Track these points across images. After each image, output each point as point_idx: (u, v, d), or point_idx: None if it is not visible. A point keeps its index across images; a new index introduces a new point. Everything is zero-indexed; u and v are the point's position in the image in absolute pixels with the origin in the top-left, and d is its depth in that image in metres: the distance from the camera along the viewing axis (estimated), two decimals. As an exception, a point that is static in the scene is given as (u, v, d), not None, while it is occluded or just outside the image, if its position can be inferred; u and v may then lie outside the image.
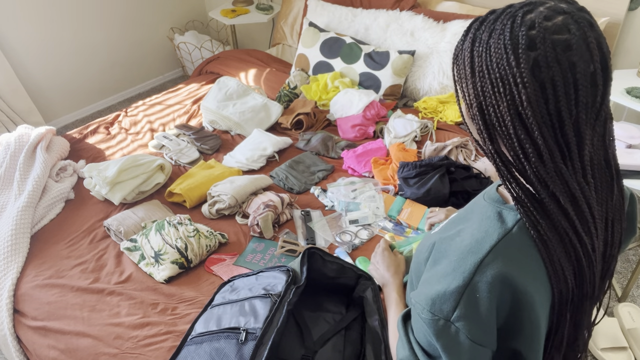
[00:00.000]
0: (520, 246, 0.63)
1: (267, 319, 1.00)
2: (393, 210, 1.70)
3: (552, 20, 0.58)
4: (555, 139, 0.60)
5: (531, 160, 0.61)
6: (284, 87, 2.45)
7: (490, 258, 0.61)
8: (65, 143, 2.08)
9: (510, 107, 0.60)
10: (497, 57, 0.59)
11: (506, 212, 0.67)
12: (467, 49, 0.63)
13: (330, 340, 1.09)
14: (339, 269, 1.15)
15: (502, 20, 0.60)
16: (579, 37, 0.57)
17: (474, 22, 0.64)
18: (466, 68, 0.64)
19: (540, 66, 0.57)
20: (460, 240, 0.66)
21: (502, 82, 0.59)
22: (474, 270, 0.61)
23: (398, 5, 2.49)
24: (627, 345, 1.74)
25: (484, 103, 0.62)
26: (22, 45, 2.84)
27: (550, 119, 0.59)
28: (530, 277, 0.63)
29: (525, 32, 0.58)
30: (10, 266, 1.54)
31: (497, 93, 0.60)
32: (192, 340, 1.06)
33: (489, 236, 0.64)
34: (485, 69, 0.61)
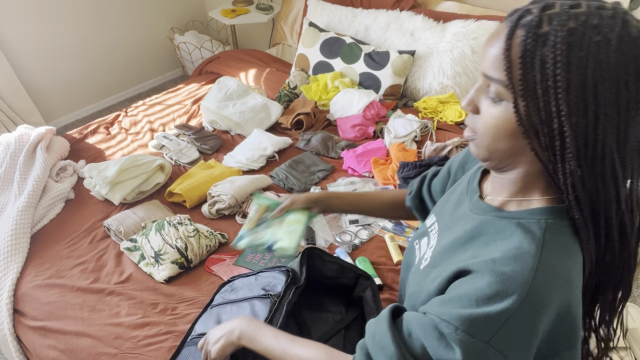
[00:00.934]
0: (559, 256, 0.59)
1: (266, 320, 1.00)
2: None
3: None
4: (638, 159, 0.58)
5: (619, 185, 0.58)
6: (284, 87, 2.45)
7: (538, 280, 0.55)
8: (65, 143, 2.08)
9: (614, 132, 0.54)
10: (614, 76, 0.52)
11: (525, 222, 0.61)
12: (559, 54, 0.52)
13: (330, 341, 1.09)
14: (339, 269, 1.15)
15: (611, 28, 0.52)
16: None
17: (551, 16, 0.53)
18: (557, 77, 0.53)
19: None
20: (487, 256, 0.59)
21: (613, 105, 0.53)
22: (522, 294, 0.55)
23: (398, 5, 2.49)
24: (627, 346, 1.74)
25: (578, 121, 0.54)
26: (22, 45, 2.84)
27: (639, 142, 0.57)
28: (574, 285, 0.60)
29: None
30: (10, 266, 1.54)
31: (603, 115, 0.54)
32: (192, 341, 1.06)
33: (527, 253, 0.57)
34: (593, 86, 0.52)
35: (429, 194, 1.01)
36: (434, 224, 0.82)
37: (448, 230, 0.75)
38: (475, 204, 0.71)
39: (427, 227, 0.85)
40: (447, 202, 0.83)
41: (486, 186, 0.74)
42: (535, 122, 0.56)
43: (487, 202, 0.69)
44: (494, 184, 0.70)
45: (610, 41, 0.51)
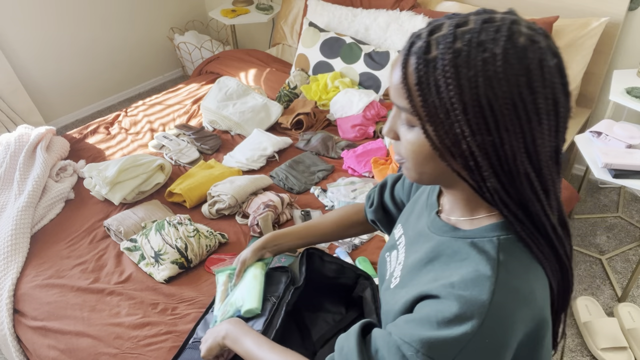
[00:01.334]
0: (516, 270, 0.59)
1: (266, 321, 1.00)
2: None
3: (542, 44, 0.53)
4: (555, 168, 0.59)
5: (540, 197, 0.58)
6: (284, 87, 2.45)
7: (497, 300, 0.55)
8: (65, 143, 2.08)
9: (521, 144, 0.54)
10: (505, 90, 0.52)
11: (479, 241, 0.61)
12: (448, 75, 0.53)
13: (330, 341, 1.09)
14: (338, 269, 1.15)
15: (498, 40, 0.51)
16: (561, 60, 0.56)
17: (437, 40, 0.54)
18: (452, 100, 0.53)
19: (548, 97, 0.53)
20: (447, 280, 0.59)
21: (512, 118, 0.53)
22: (487, 313, 0.54)
23: (398, 5, 2.49)
24: (627, 345, 1.74)
25: (482, 139, 0.54)
26: (22, 45, 2.84)
27: (551, 151, 0.57)
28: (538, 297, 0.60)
29: (532, 59, 0.52)
30: (10, 266, 1.54)
31: (505, 130, 0.53)
32: (193, 344, 1.07)
33: (483, 275, 0.57)
34: (488, 103, 0.52)
35: (393, 202, 0.97)
36: (401, 237, 0.80)
37: (412, 246, 0.74)
38: (433, 221, 0.71)
39: (395, 240, 0.83)
40: (411, 212, 0.81)
41: (443, 201, 0.74)
42: (447, 145, 0.56)
43: (443, 219, 0.69)
44: (447, 200, 0.70)
45: (496, 56, 0.51)
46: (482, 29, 0.52)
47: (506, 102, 0.52)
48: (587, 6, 2.14)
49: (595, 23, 2.08)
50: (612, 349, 1.74)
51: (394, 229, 0.86)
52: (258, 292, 0.98)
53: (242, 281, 1.02)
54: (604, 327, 1.78)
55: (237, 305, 0.97)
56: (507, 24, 0.52)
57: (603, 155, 1.70)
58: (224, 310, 0.99)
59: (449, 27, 0.54)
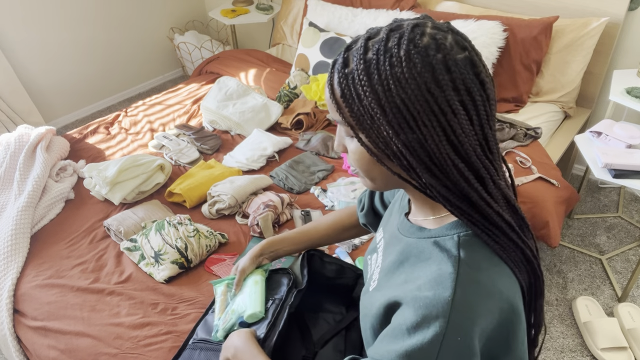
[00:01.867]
0: (477, 265, 0.60)
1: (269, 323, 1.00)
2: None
3: (447, 40, 0.56)
4: (486, 157, 0.59)
5: (476, 188, 0.59)
6: (284, 87, 2.45)
7: (460, 292, 0.56)
8: (65, 143, 2.08)
9: (441, 138, 0.56)
10: (414, 87, 0.55)
11: (441, 240, 0.63)
12: (363, 84, 0.57)
13: (331, 341, 1.09)
14: (339, 270, 1.15)
15: (401, 46, 0.55)
16: (473, 52, 0.58)
17: (350, 55, 0.59)
18: (370, 106, 0.57)
19: (459, 89, 0.56)
20: (414, 283, 0.60)
21: (427, 112, 0.55)
22: (449, 311, 0.55)
23: (398, 5, 2.49)
24: (627, 345, 1.74)
25: (409, 139, 0.57)
26: (22, 45, 2.84)
27: (478, 139, 0.58)
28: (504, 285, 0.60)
29: (434, 56, 0.55)
30: (10, 266, 1.54)
31: (423, 125, 0.56)
32: (194, 345, 1.07)
33: (444, 270, 0.58)
34: (401, 102, 0.55)
35: (383, 205, 0.98)
36: (381, 240, 0.81)
37: (387, 248, 0.75)
38: (402, 223, 0.72)
39: (376, 243, 0.83)
40: (390, 215, 0.83)
41: (411, 203, 0.76)
42: (380, 148, 0.59)
43: (411, 220, 0.71)
44: (412, 202, 0.73)
45: (401, 58, 0.55)
46: (389, 36, 0.57)
47: (418, 99, 0.55)
48: (587, 6, 2.14)
49: (595, 23, 2.08)
50: (612, 349, 1.74)
51: (377, 232, 0.87)
52: (260, 296, 0.98)
53: (242, 288, 1.02)
54: (604, 327, 1.78)
55: (240, 312, 0.97)
56: (409, 28, 0.56)
57: (603, 155, 1.70)
58: (225, 319, 0.99)
59: (361, 40, 0.59)
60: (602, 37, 2.11)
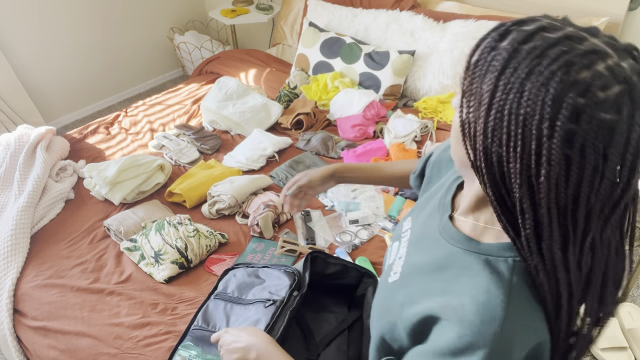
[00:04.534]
0: (527, 298, 0.57)
1: (267, 327, 1.00)
2: (393, 210, 1.70)
3: (607, 92, 0.46)
4: (562, 222, 0.52)
5: (527, 232, 0.54)
6: (284, 87, 2.45)
7: (509, 325, 0.54)
8: (65, 143, 2.08)
9: (523, 171, 0.51)
10: (529, 112, 0.48)
11: (493, 260, 0.59)
12: (495, 68, 0.51)
13: (334, 341, 1.09)
14: (342, 270, 1.15)
15: (553, 63, 0.47)
16: (626, 122, 0.47)
17: (514, 29, 0.52)
18: (484, 93, 0.52)
19: (574, 147, 0.48)
20: (461, 306, 0.57)
21: (523, 142, 0.50)
22: (496, 344, 0.53)
23: (398, 5, 2.49)
24: (627, 345, 1.74)
25: (490, 148, 0.53)
26: (22, 45, 2.84)
27: (565, 201, 0.51)
28: (542, 324, 0.58)
29: (574, 100, 0.46)
30: (10, 266, 1.54)
31: (513, 150, 0.51)
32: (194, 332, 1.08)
33: (495, 298, 0.55)
34: (508, 114, 0.50)
35: (426, 176, 0.97)
36: (407, 231, 0.79)
37: (418, 245, 0.73)
38: (445, 226, 0.68)
39: (401, 231, 0.81)
40: (423, 208, 0.79)
41: (458, 201, 0.72)
42: (467, 133, 0.56)
43: (456, 225, 0.67)
44: (463, 202, 0.68)
45: (542, 74, 0.49)
46: (558, 42, 0.50)
47: (526, 124, 0.52)
48: (587, 6, 2.14)
49: (595, 23, 2.08)
50: (612, 349, 1.74)
51: (404, 220, 0.84)
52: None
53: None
54: (604, 327, 1.78)
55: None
56: (588, 48, 0.50)
57: (603, 155, 1.70)
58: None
59: (535, 25, 0.54)
60: (602, 37, 2.11)
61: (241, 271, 1.21)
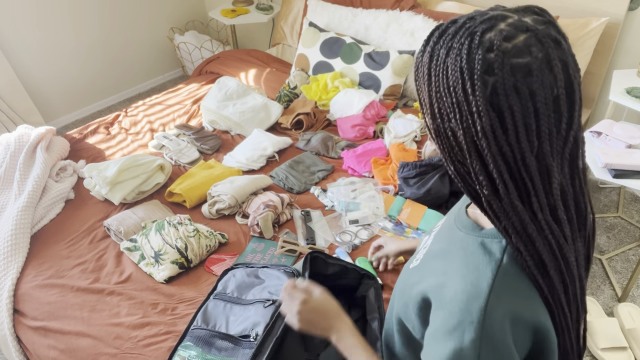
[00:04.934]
0: (517, 274, 0.59)
1: (267, 327, 1.00)
2: (393, 210, 1.70)
3: (513, 41, 0.53)
4: (513, 172, 0.56)
5: (485, 194, 0.57)
6: (284, 87, 2.45)
7: (494, 300, 0.57)
8: (65, 143, 2.08)
9: (466, 135, 0.56)
10: (454, 81, 0.55)
11: (488, 241, 0.62)
12: (425, 64, 0.59)
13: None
14: (342, 271, 1.15)
15: (460, 37, 0.55)
16: (541, 60, 0.53)
17: (434, 33, 0.59)
18: (424, 85, 0.60)
19: (498, 94, 0.53)
20: (453, 285, 0.61)
21: (458, 107, 0.56)
22: (482, 318, 0.56)
23: (398, 5, 2.49)
24: (627, 345, 1.74)
25: (441, 126, 0.59)
26: (22, 45, 2.84)
27: (511, 150, 0.55)
28: (536, 304, 0.60)
29: (483, 55, 0.53)
30: (10, 266, 1.54)
31: (454, 119, 0.57)
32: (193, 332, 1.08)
33: (483, 275, 0.59)
34: (443, 92, 0.57)
35: None
36: (439, 225, 0.82)
37: (439, 235, 0.75)
38: (459, 215, 0.72)
39: (436, 225, 0.84)
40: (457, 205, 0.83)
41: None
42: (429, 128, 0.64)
43: (469, 214, 0.71)
44: None
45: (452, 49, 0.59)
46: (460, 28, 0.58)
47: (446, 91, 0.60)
48: (587, 6, 2.14)
49: (595, 23, 2.08)
50: (612, 349, 1.74)
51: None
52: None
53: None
54: (604, 327, 1.78)
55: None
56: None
57: (603, 155, 1.70)
58: None
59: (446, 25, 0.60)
60: (602, 37, 2.11)
61: (240, 271, 1.21)
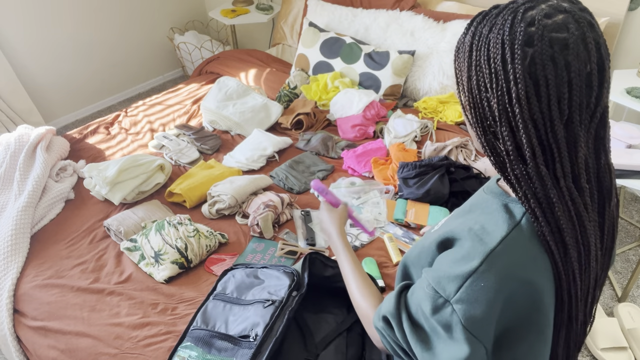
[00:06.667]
0: (530, 239, 0.62)
1: (266, 327, 1.00)
2: (398, 213, 1.68)
3: (552, 18, 0.58)
4: (542, 138, 0.60)
5: (511, 159, 0.62)
6: (284, 87, 2.45)
7: (500, 250, 0.61)
8: (65, 143, 2.08)
9: (500, 103, 0.61)
10: (494, 51, 0.60)
11: (512, 204, 0.66)
12: (467, 42, 0.64)
13: (333, 342, 1.09)
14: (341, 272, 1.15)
15: (504, 15, 0.60)
16: (577, 37, 0.58)
17: (477, 16, 0.65)
18: (465, 61, 0.64)
19: (536, 63, 0.58)
20: (470, 228, 0.66)
21: (495, 76, 0.60)
22: (482, 259, 0.60)
23: (398, 5, 2.49)
24: (627, 345, 1.74)
25: (478, 97, 0.63)
26: (22, 45, 2.84)
27: (542, 117, 0.59)
28: (541, 269, 0.62)
29: (524, 28, 0.58)
30: (10, 266, 1.54)
31: (491, 88, 0.61)
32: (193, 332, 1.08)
33: (499, 227, 0.63)
34: (483, 63, 0.61)
35: None
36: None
37: (464, 206, 0.79)
38: (490, 185, 0.75)
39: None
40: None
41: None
42: (462, 102, 0.69)
43: (500, 185, 0.73)
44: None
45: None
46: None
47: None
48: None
49: (595, 23, 2.07)
50: (612, 349, 1.74)
51: None
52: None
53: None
54: (604, 327, 1.78)
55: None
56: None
57: (603, 155, 1.70)
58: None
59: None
60: (602, 37, 2.11)
61: (240, 272, 1.21)
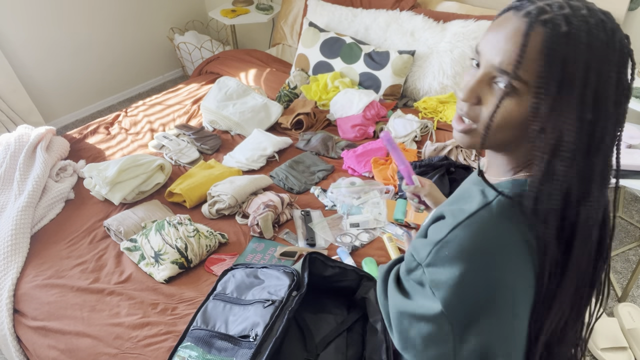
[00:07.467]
0: (498, 217, 0.63)
1: (266, 327, 1.00)
2: (398, 213, 1.68)
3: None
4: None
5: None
6: (284, 87, 2.45)
7: (466, 223, 0.64)
8: (65, 143, 2.08)
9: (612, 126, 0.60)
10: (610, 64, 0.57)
11: (488, 190, 0.67)
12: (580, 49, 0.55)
13: (333, 343, 1.09)
14: (341, 272, 1.15)
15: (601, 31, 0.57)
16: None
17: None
18: (575, 74, 0.56)
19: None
20: (450, 209, 0.69)
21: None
22: (449, 230, 0.64)
23: (398, 5, 2.49)
24: (627, 345, 1.74)
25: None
26: (22, 45, 2.84)
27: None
28: (507, 248, 0.62)
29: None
30: (10, 266, 1.54)
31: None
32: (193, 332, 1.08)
33: (470, 206, 0.66)
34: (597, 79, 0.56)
35: None
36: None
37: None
38: (473, 176, 0.76)
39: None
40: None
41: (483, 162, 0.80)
42: (544, 117, 0.57)
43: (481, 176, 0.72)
44: (489, 161, 0.77)
45: (607, 41, 0.56)
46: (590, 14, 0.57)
47: (609, 80, 0.57)
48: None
49: (595, 23, 2.07)
50: (612, 349, 1.74)
51: None
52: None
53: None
54: (604, 327, 1.78)
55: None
56: (597, 11, 0.58)
57: (603, 155, 1.70)
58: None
59: (570, 7, 0.57)
60: (602, 37, 2.11)
61: (240, 272, 1.21)
